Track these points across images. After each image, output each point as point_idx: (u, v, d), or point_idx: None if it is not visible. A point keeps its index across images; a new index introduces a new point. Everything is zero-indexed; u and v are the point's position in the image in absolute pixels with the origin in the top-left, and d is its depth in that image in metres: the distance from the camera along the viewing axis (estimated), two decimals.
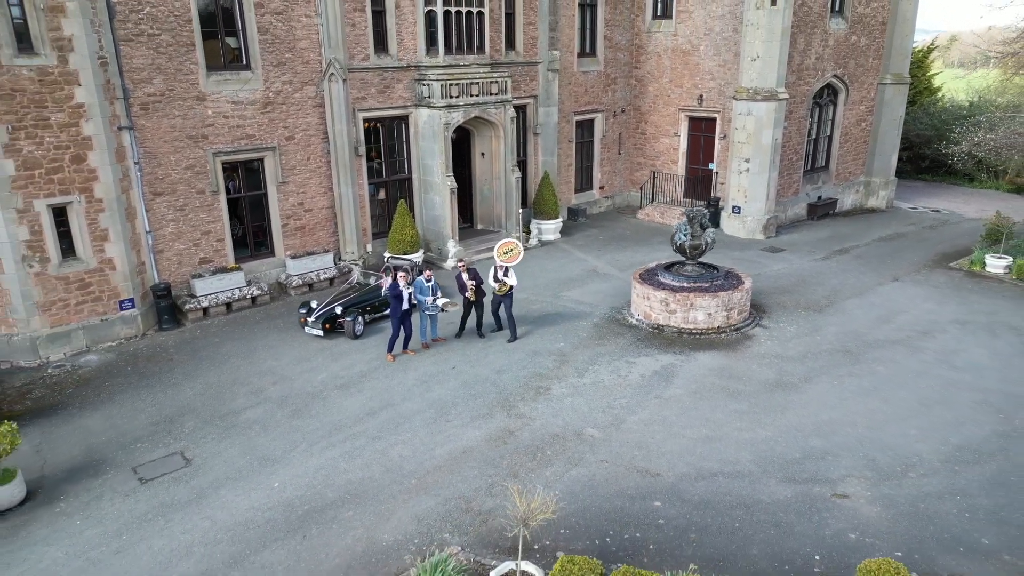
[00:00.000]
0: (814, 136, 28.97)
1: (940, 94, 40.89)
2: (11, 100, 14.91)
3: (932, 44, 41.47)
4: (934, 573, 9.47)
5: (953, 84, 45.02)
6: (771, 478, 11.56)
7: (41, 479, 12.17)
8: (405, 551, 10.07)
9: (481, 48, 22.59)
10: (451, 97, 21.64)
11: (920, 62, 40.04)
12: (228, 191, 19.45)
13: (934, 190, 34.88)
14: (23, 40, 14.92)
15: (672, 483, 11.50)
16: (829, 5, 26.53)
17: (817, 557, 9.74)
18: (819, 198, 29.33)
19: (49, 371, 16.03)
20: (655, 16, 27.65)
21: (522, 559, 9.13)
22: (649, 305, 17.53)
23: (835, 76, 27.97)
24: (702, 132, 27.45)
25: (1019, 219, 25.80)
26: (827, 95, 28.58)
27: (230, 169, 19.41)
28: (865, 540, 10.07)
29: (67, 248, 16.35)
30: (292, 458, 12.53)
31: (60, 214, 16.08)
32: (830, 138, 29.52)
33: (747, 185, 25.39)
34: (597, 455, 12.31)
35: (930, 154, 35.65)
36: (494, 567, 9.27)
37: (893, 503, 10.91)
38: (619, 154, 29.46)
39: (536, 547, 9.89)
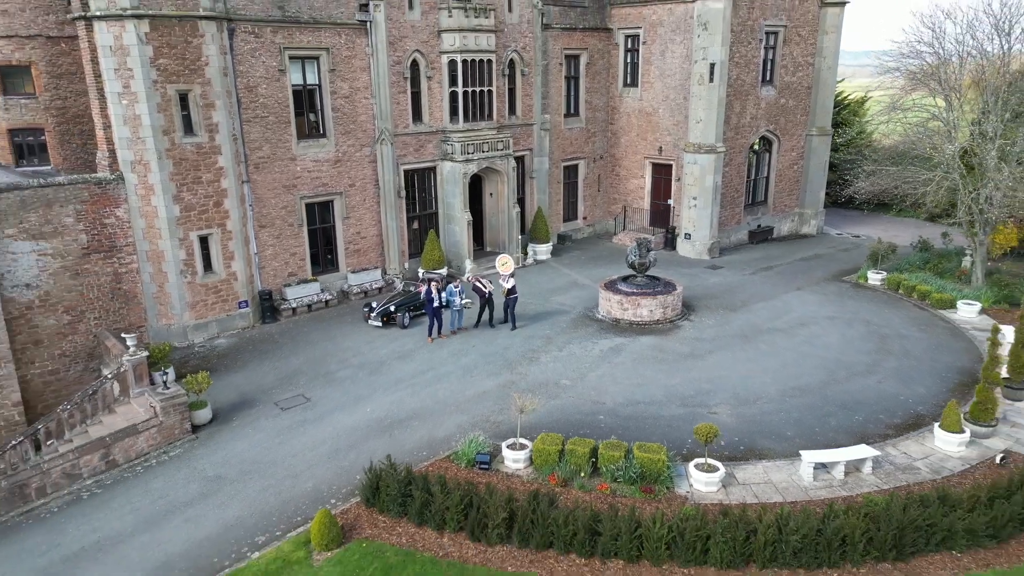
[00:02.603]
0: (754, 177, 36.47)
1: (874, 136, 48.38)
2: (179, 166, 22.40)
3: (866, 95, 48.97)
4: (754, 446, 16.68)
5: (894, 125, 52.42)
6: (672, 404, 18.79)
7: (216, 410, 19.42)
8: (452, 440, 17.28)
9: (490, 116, 30.11)
10: (468, 153, 29.14)
11: (855, 111, 47.64)
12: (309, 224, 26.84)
13: (864, 218, 42.23)
14: (188, 126, 22.44)
15: (612, 408, 18.74)
16: (760, 77, 34.13)
17: (690, 441, 16.89)
18: (758, 226, 36.72)
19: (195, 349, 23.37)
20: (625, 84, 35.23)
21: (519, 437, 16.34)
22: (610, 305, 24.85)
23: (768, 131, 35.51)
24: (662, 175, 34.91)
25: (910, 243, 33.17)
26: (763, 145, 36.11)
27: (311, 208, 26.81)
28: (722, 423, 17.25)
29: (207, 265, 23.74)
30: (375, 396, 19.80)
31: (204, 241, 23.48)
32: (767, 178, 36.99)
33: (695, 217, 32.80)
34: (567, 394, 19.56)
35: None
36: (503, 443, 16.48)
37: (743, 416, 18.14)
38: (598, 191, 36.93)
39: (526, 438, 17.07)
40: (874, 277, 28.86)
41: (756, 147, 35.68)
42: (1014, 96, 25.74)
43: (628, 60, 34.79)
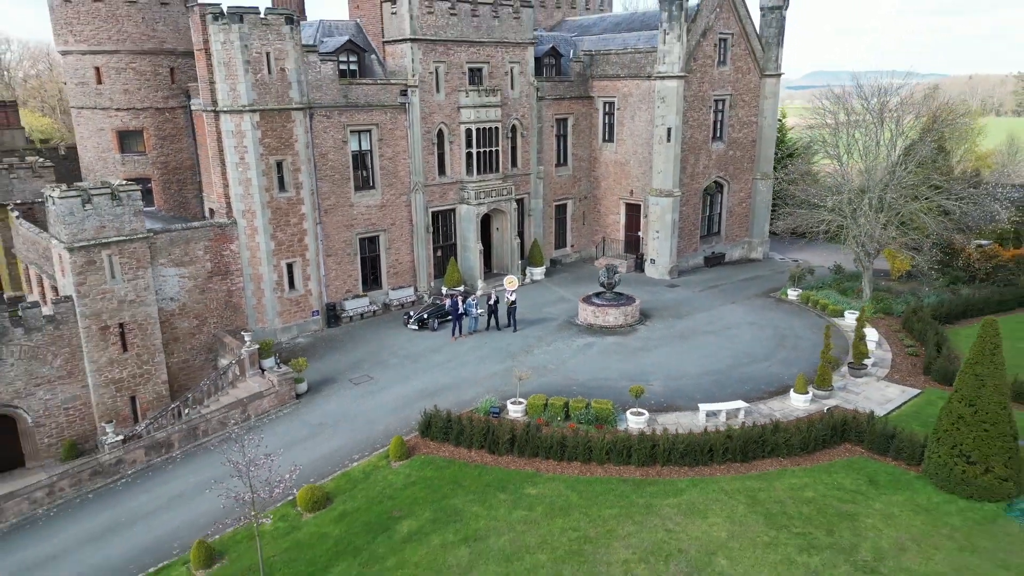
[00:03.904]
0: (709, 213, 45.32)
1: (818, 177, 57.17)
2: (275, 213, 31.27)
3: (798, 142, 57.72)
4: (673, 404, 25.31)
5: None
6: (623, 380, 27.41)
7: (310, 384, 28.11)
8: (473, 402, 25.91)
9: (497, 169, 38.99)
10: (480, 198, 38.00)
11: (802, 155, 56.52)
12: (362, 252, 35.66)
13: (807, 246, 50.77)
14: (281, 185, 31.34)
15: (582, 382, 27.38)
16: (711, 134, 43.09)
17: (630, 400, 25.45)
18: (712, 253, 45.50)
19: (283, 345, 32.09)
20: (603, 141, 44.18)
21: (518, 397, 25.00)
22: (586, 314, 33.56)
23: (719, 177, 44.41)
24: (633, 213, 43.74)
25: (829, 266, 41.85)
26: (716, 187, 44.97)
27: (363, 241, 35.60)
28: (652, 395, 25.85)
29: (291, 284, 32.54)
30: (417, 376, 28.50)
31: (289, 267, 32.28)
32: (720, 214, 45.84)
33: (658, 246, 41.58)
34: (552, 374, 28.20)
35: None
36: (508, 401, 25.13)
37: (669, 387, 26.78)
38: (583, 225, 45.78)
39: (522, 399, 25.64)
40: (792, 294, 37.55)
41: (710, 189, 44.53)
42: (881, 168, 34.60)
43: (606, 122, 43.77)
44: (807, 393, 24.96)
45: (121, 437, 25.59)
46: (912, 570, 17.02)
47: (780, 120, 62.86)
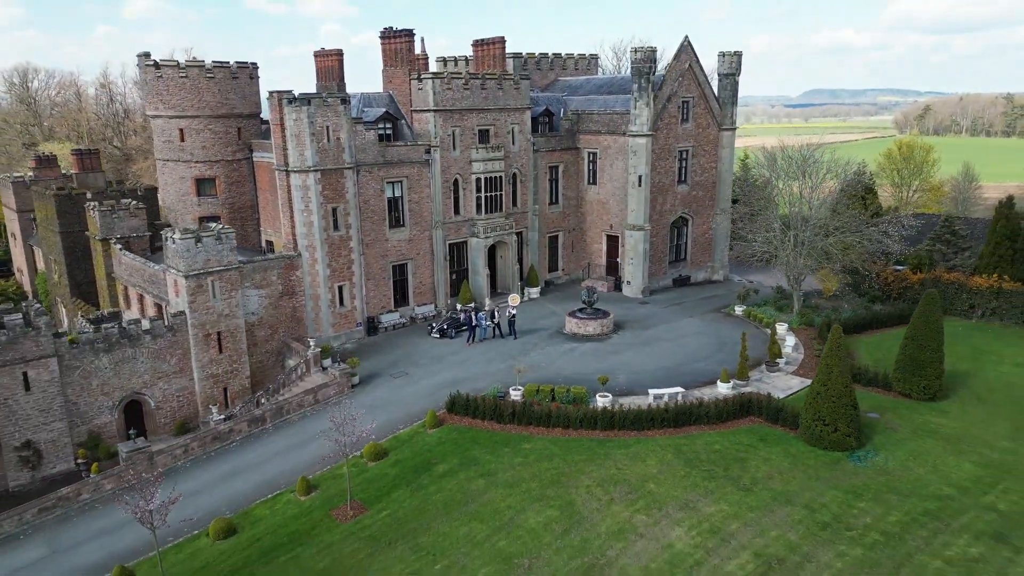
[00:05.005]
0: (677, 242, 54.63)
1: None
2: (331, 247, 40.58)
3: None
4: (632, 390, 34.43)
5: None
6: (596, 374, 36.47)
7: (360, 378, 37.30)
8: (483, 390, 35.06)
9: (501, 208, 48.35)
10: (487, 233, 47.32)
11: (762, 189, 65.88)
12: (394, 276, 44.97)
13: (763, 269, 59.92)
14: (335, 226, 40.66)
15: (566, 375, 36.52)
16: (677, 179, 52.48)
17: (599, 386, 34.54)
18: (680, 275, 54.75)
19: (335, 349, 41.23)
20: (588, 183, 53.57)
21: (517, 386, 34.16)
22: (571, 325, 42.74)
23: (684, 213, 53.76)
24: (613, 243, 53.02)
25: (774, 286, 51.05)
26: (682, 221, 54.28)
27: (394, 268, 44.89)
28: (617, 385, 34.95)
29: (341, 301, 41.79)
30: (442, 372, 37.71)
31: (340, 289, 41.54)
32: (686, 243, 55.14)
33: (632, 270, 50.82)
34: (544, 370, 37.34)
35: None
36: (510, 388, 34.28)
37: (631, 379, 35.90)
38: (571, 252, 55.10)
39: (520, 387, 34.74)
40: (738, 309, 46.73)
41: (677, 223, 53.84)
42: (799, 214, 43.95)
43: (590, 168, 53.21)
44: (729, 383, 34.10)
45: (223, 416, 34.83)
46: (774, 489, 26.11)
47: (744, 159, 72.76)
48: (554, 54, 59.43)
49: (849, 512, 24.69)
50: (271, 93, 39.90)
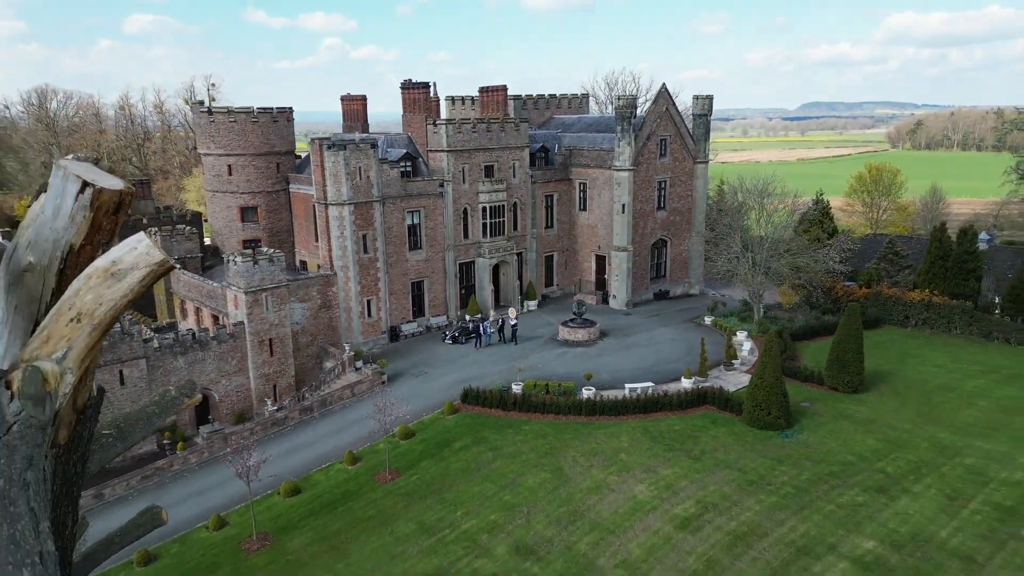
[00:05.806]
0: (657, 261, 62.41)
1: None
2: (361, 267, 48.38)
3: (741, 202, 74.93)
4: (613, 385, 42.09)
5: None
6: (583, 372, 44.17)
7: (388, 377, 44.98)
8: (491, 385, 42.69)
9: (504, 233, 56.15)
10: (491, 254, 55.09)
11: (727, 216, 73.78)
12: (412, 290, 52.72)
13: (734, 285, 67.78)
14: (365, 249, 48.45)
15: (559, 374, 44.18)
16: (656, 206, 60.33)
17: (586, 381, 42.17)
18: (659, 290, 62.51)
19: (364, 353, 48.88)
20: (579, 209, 61.42)
21: (518, 382, 41.83)
22: (564, 333, 50.42)
23: (663, 235, 61.59)
24: (601, 262, 60.80)
25: (740, 299, 58.77)
26: (661, 242, 62.09)
27: (413, 284, 52.62)
28: (600, 381, 42.60)
29: (369, 313, 49.50)
30: (454, 371, 45.39)
31: (368, 302, 49.25)
32: (665, 262, 62.93)
33: (618, 286, 58.56)
34: (540, 371, 45.00)
35: None
36: (512, 383, 41.94)
37: (613, 376, 43.56)
38: (565, 270, 62.89)
39: (520, 383, 42.34)
40: (707, 319, 54.44)
41: (657, 244, 61.64)
42: (758, 235, 51.80)
43: (581, 196, 61.09)
44: (691, 379, 41.78)
45: (276, 407, 42.50)
46: (717, 458, 33.74)
47: (722, 185, 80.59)
48: (549, 95, 67.54)
49: (772, 473, 32.34)
50: (312, 140, 47.81)
